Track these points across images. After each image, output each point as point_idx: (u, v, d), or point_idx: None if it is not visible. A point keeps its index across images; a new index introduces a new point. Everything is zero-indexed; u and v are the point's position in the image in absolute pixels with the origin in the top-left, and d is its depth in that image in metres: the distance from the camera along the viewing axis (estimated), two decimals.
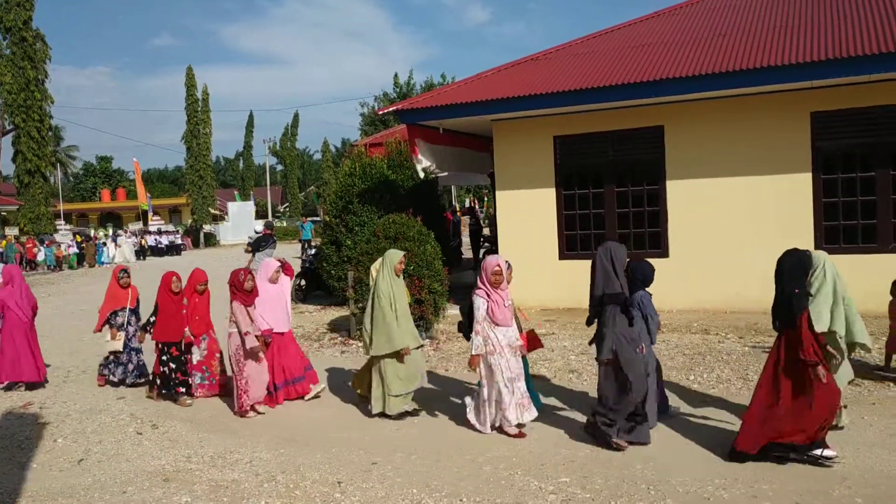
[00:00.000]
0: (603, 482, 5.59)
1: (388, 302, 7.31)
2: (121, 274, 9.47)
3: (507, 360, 6.71)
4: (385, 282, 7.41)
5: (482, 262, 7.09)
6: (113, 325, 9.20)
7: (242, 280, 7.83)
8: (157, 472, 6.19)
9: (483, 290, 6.84)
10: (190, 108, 53.89)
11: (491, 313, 6.77)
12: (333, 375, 9.48)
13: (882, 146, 10.86)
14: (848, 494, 5.18)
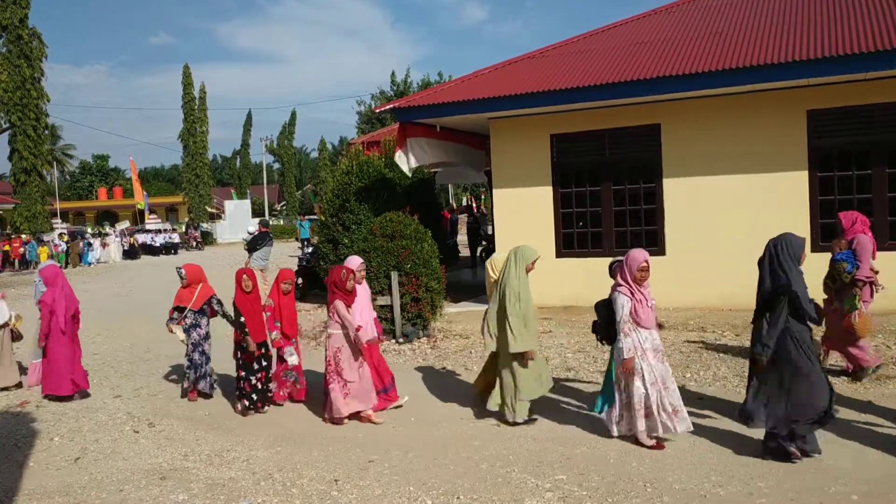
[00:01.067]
0: (600, 479, 5.59)
1: (518, 300, 6.86)
2: (181, 274, 8.78)
3: (651, 364, 6.18)
4: (517, 280, 6.95)
5: (626, 255, 6.46)
6: (175, 319, 8.65)
7: (344, 279, 7.31)
8: (154, 471, 6.19)
9: (626, 287, 6.28)
10: (187, 107, 53.81)
11: (634, 313, 6.24)
12: None
13: (878, 144, 10.88)
14: (844, 492, 5.19)
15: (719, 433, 6.49)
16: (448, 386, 8.65)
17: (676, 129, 12.04)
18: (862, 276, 7.83)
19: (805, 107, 11.15)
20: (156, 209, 59.55)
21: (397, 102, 13.90)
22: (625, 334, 6.19)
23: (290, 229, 48.82)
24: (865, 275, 7.84)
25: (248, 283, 7.98)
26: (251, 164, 79.41)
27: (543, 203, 13.06)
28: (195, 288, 8.72)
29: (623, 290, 6.29)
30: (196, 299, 8.65)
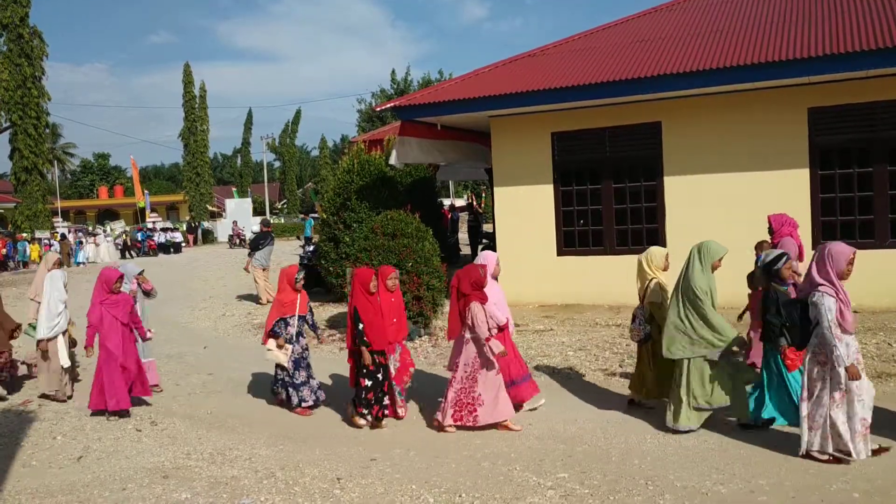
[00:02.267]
0: (601, 478, 5.61)
1: (709, 300, 6.35)
2: (297, 276, 7.85)
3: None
4: (704, 278, 6.41)
5: (821, 249, 5.77)
6: (279, 335, 7.74)
7: (484, 276, 6.82)
8: (157, 469, 6.20)
9: (831, 287, 5.54)
10: (187, 105, 53.80)
11: (840, 316, 5.51)
12: (332, 372, 9.48)
13: (879, 142, 10.88)
14: (846, 489, 5.20)
15: (721, 430, 6.50)
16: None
17: (677, 126, 12.04)
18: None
19: (806, 104, 11.15)
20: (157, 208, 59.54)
21: (398, 101, 13.91)
22: (838, 339, 5.46)
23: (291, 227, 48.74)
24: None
25: (375, 283, 7.14)
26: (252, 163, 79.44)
27: (544, 201, 13.06)
28: (294, 292, 7.89)
29: (828, 290, 5.53)
30: (301, 303, 7.90)
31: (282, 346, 7.72)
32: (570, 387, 8.33)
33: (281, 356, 7.72)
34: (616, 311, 11.86)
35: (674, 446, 6.22)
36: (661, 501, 5.13)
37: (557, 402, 7.61)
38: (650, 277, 7.05)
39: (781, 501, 5.05)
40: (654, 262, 7.12)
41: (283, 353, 7.73)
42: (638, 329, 7.09)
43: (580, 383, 8.49)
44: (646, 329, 7.02)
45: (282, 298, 7.84)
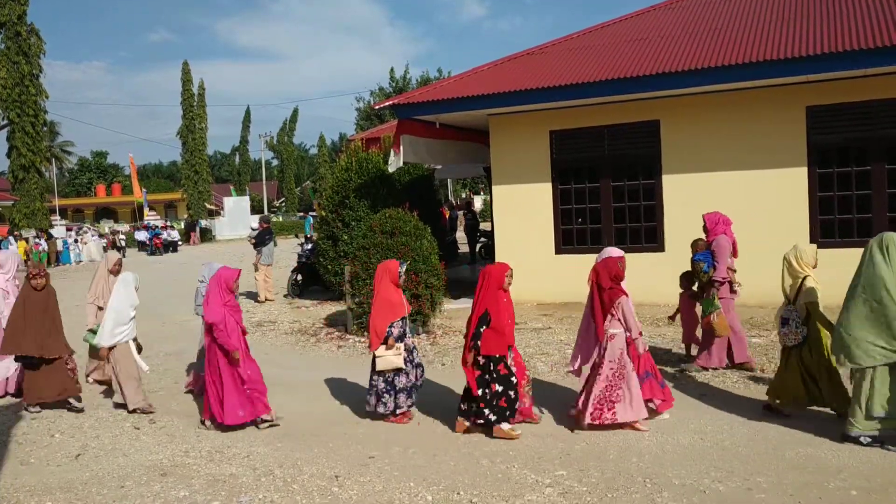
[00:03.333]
0: (600, 475, 5.61)
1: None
2: (401, 270, 7.19)
3: None
4: (890, 273, 5.85)
5: None
6: (392, 337, 6.96)
7: (622, 269, 6.57)
8: (155, 467, 6.20)
9: None
10: (186, 104, 53.76)
11: None
12: (330, 370, 9.47)
13: (877, 140, 10.89)
14: (843, 487, 5.21)
15: (720, 428, 6.51)
16: (448, 382, 8.65)
17: (675, 125, 12.04)
18: (718, 276, 8.18)
19: (804, 103, 11.16)
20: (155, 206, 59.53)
21: (396, 99, 13.91)
22: None
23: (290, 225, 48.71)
24: (722, 275, 8.20)
25: (509, 280, 6.67)
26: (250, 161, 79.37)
27: (543, 199, 13.06)
28: (398, 289, 7.24)
29: None
30: (405, 302, 7.34)
31: (391, 346, 6.97)
32: (567, 385, 8.33)
33: (397, 360, 6.96)
34: None
35: (672, 444, 6.22)
36: (659, 499, 5.14)
37: (555, 401, 7.60)
38: (802, 275, 6.64)
39: (780, 499, 5.06)
40: (805, 259, 6.68)
41: (397, 356, 6.97)
42: (795, 332, 6.63)
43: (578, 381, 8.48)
44: (803, 332, 6.60)
45: (389, 297, 7.04)
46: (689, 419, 6.79)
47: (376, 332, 6.98)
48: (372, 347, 7.04)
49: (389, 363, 6.94)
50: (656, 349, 9.33)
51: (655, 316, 11.19)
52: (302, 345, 11.35)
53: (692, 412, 7.00)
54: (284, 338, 11.98)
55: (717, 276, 8.16)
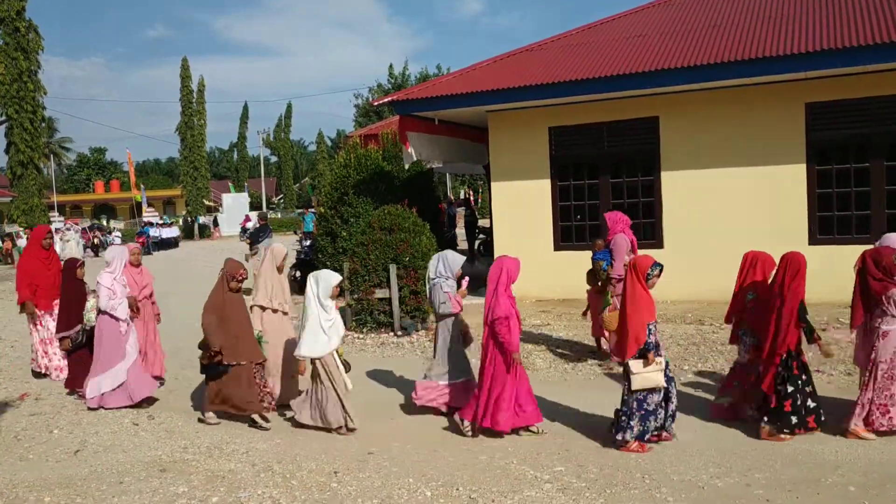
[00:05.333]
0: (598, 471, 5.62)
1: None
2: (652, 271, 6.11)
3: None
4: None
5: None
6: (652, 348, 5.99)
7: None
8: (154, 463, 6.20)
9: None
10: (185, 100, 53.64)
11: None
12: None
13: (876, 137, 10.88)
14: (841, 483, 5.23)
15: (718, 425, 6.52)
16: None
17: (675, 121, 12.04)
18: (614, 274, 8.45)
19: (803, 99, 11.15)
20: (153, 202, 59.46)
21: (395, 95, 13.89)
22: None
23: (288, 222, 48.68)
24: (618, 273, 8.42)
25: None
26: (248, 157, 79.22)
27: (542, 196, 13.06)
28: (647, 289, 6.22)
29: None
30: None
31: (651, 362, 5.97)
32: (566, 381, 8.34)
33: (658, 377, 5.99)
34: None
35: (670, 441, 6.23)
36: (658, 495, 5.15)
37: (554, 396, 7.61)
38: None
39: (777, 495, 5.07)
40: None
41: (658, 373, 6.00)
42: None
43: (577, 378, 8.50)
44: None
45: (646, 297, 6.08)
46: (687, 416, 6.80)
47: (636, 338, 5.97)
48: (627, 355, 6.02)
49: (648, 381, 5.98)
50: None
51: None
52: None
53: (690, 409, 7.00)
54: None
55: (614, 274, 8.51)
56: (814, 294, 9.55)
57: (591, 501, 5.10)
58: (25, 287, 9.23)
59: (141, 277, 8.66)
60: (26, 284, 9.23)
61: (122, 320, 7.86)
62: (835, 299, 10.23)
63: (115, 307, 7.80)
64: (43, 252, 9.50)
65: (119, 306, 7.83)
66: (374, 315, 11.32)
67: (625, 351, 6.02)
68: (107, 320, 7.82)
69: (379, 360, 9.95)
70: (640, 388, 5.98)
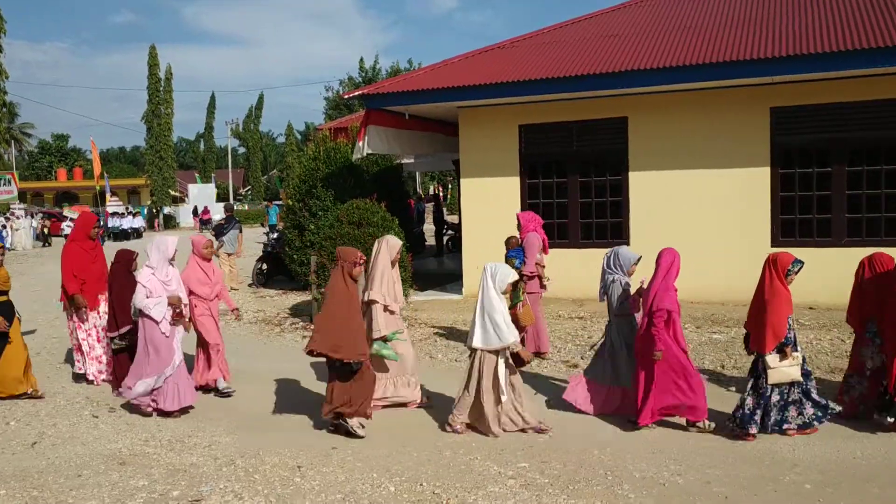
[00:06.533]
0: (561, 467, 5.66)
1: None
2: (793, 266, 6.15)
3: None
4: None
5: None
6: (791, 343, 6.10)
7: None
8: (114, 456, 6.11)
9: None
10: (152, 88, 52.86)
11: None
12: (294, 360, 9.40)
13: (838, 142, 11.09)
14: (798, 480, 5.32)
15: (680, 423, 6.59)
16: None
17: (643, 122, 12.15)
18: (527, 271, 8.68)
19: (769, 104, 11.33)
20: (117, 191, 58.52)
21: (366, 89, 13.83)
22: None
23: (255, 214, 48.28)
24: (530, 270, 8.71)
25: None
26: (216, 148, 78.34)
27: (511, 193, 13.09)
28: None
29: None
30: None
31: (789, 356, 6.09)
32: (531, 378, 8.38)
33: (795, 372, 6.09)
34: (579, 303, 11.96)
35: (633, 438, 6.30)
36: (620, 491, 5.20)
37: None
38: None
39: (736, 492, 5.15)
40: None
41: (795, 367, 6.10)
42: None
43: (542, 372, 8.55)
44: None
45: (785, 293, 6.12)
46: None
47: (776, 332, 6.02)
48: (766, 349, 6.07)
49: (785, 376, 6.06)
50: None
51: None
52: (266, 334, 11.27)
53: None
54: (248, 327, 11.88)
55: (526, 271, 8.68)
56: None
57: (554, 497, 5.13)
58: (73, 279, 8.41)
59: (214, 275, 8.07)
60: (73, 276, 8.43)
61: (159, 322, 7.11)
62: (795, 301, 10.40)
63: (148, 307, 7.06)
64: (89, 243, 8.70)
65: (154, 306, 7.08)
66: None
67: (763, 345, 6.07)
68: (146, 321, 7.13)
69: None
70: (777, 382, 6.08)
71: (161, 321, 7.11)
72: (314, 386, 8.12)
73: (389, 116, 13.77)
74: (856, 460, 5.69)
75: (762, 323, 6.09)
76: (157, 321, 7.09)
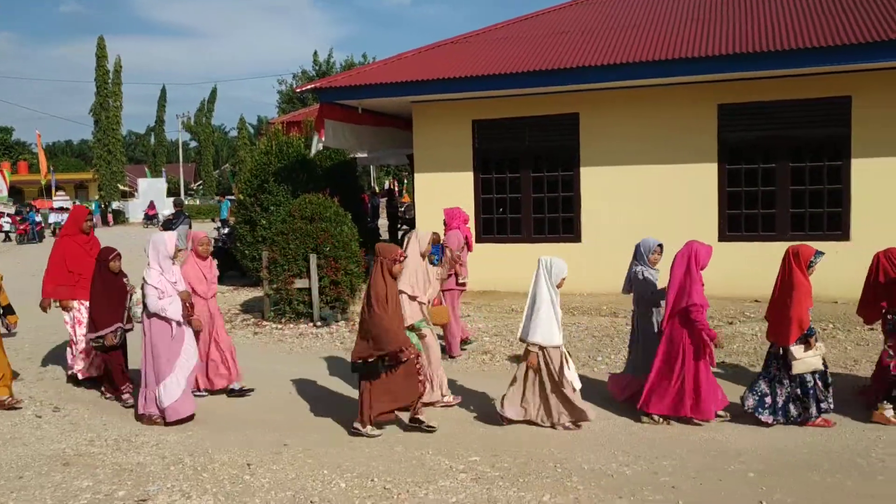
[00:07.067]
0: (512, 461, 5.71)
1: None
2: (815, 258, 6.36)
3: None
4: None
5: None
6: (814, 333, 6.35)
7: None
8: (57, 456, 5.97)
9: None
10: (100, 80, 51.59)
11: None
12: (246, 357, 9.28)
13: (782, 139, 11.36)
14: (742, 469, 5.46)
15: (630, 414, 6.70)
16: None
17: (594, 118, 12.28)
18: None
19: (715, 100, 11.54)
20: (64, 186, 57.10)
21: (319, 82, 13.70)
22: None
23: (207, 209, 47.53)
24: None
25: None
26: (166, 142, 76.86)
27: (464, 188, 13.11)
28: None
29: None
30: None
31: (813, 346, 6.26)
32: (485, 371, 8.43)
33: (817, 362, 6.30)
34: None
35: (583, 430, 6.38)
36: (569, 483, 5.27)
37: (473, 387, 7.69)
38: None
39: (683, 481, 5.26)
40: None
41: (817, 357, 6.31)
42: None
43: (495, 368, 8.60)
44: None
45: (807, 285, 6.29)
46: (599, 404, 6.97)
47: (800, 324, 6.17)
48: (790, 340, 6.22)
49: (809, 366, 6.26)
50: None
51: (571, 305, 11.44)
52: None
53: (601, 398, 7.18)
54: None
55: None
56: (723, 289, 10.01)
57: (504, 490, 5.17)
58: (53, 279, 8.02)
59: (210, 272, 7.83)
60: (60, 274, 8.00)
61: (174, 322, 6.84)
62: (742, 294, 10.68)
63: (164, 308, 6.75)
64: (83, 237, 8.25)
65: (170, 306, 6.79)
66: (293, 305, 11.17)
67: (788, 336, 6.19)
68: (157, 322, 6.81)
69: (297, 350, 9.85)
70: (801, 372, 6.23)
71: (175, 321, 6.81)
72: (267, 382, 8.04)
73: (345, 111, 13.69)
74: (798, 449, 5.86)
75: (786, 315, 6.22)
76: (175, 321, 6.80)
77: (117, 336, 7.41)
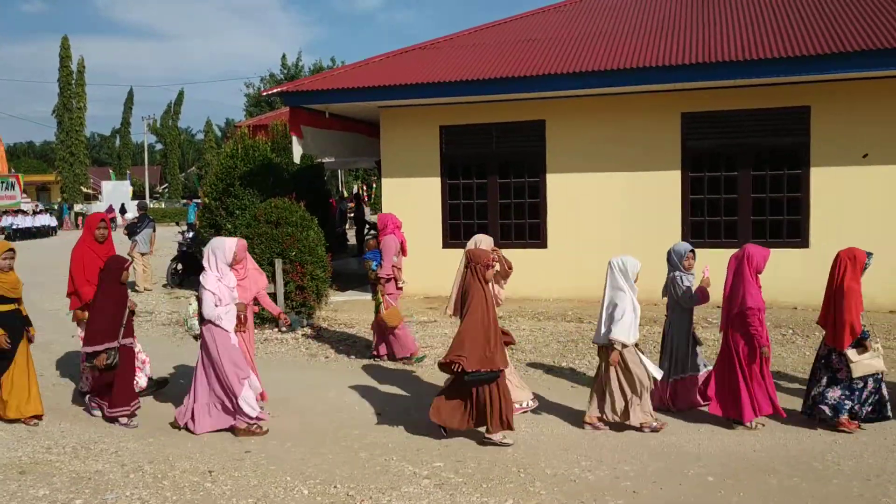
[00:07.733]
0: (476, 466, 5.72)
1: None
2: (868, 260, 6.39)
3: None
4: None
5: None
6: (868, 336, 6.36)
7: None
8: (13, 465, 5.85)
9: None
10: (63, 80, 50.82)
11: None
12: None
13: (744, 147, 11.57)
14: (701, 473, 5.53)
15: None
16: (330, 375, 8.60)
17: (560, 125, 12.39)
18: (383, 273, 8.94)
19: (679, 109, 11.72)
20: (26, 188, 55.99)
21: (286, 86, 13.66)
22: None
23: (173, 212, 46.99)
24: (386, 272, 8.99)
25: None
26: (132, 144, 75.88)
27: (431, 194, 13.16)
28: None
29: None
30: None
31: (869, 349, 6.19)
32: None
33: (878, 363, 6.25)
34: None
35: (547, 435, 6.41)
36: (532, 488, 5.29)
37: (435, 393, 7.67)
38: None
39: (643, 486, 5.32)
40: None
41: (877, 358, 6.26)
42: None
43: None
44: None
45: (858, 289, 6.28)
46: (563, 409, 7.02)
47: (853, 328, 6.17)
48: (844, 345, 6.20)
49: (870, 367, 6.21)
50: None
51: (536, 310, 11.50)
52: (180, 336, 10.98)
53: (565, 402, 7.23)
54: (161, 329, 11.57)
55: (382, 273, 8.92)
56: None
57: (468, 496, 5.18)
58: (80, 287, 7.49)
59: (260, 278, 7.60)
60: (82, 283, 7.48)
61: (228, 332, 6.57)
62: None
63: (220, 316, 6.47)
64: (97, 245, 7.70)
65: (225, 315, 6.52)
66: (259, 310, 11.06)
67: (843, 340, 6.17)
68: (217, 331, 6.54)
69: (262, 355, 9.75)
70: (863, 374, 6.18)
71: (228, 331, 6.54)
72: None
73: (313, 115, 13.65)
74: (756, 453, 5.95)
75: (840, 319, 6.22)
76: (228, 332, 6.53)
77: (110, 357, 6.77)
